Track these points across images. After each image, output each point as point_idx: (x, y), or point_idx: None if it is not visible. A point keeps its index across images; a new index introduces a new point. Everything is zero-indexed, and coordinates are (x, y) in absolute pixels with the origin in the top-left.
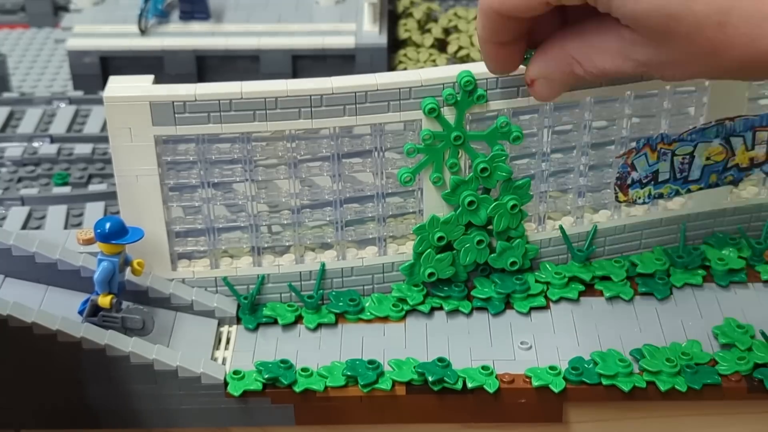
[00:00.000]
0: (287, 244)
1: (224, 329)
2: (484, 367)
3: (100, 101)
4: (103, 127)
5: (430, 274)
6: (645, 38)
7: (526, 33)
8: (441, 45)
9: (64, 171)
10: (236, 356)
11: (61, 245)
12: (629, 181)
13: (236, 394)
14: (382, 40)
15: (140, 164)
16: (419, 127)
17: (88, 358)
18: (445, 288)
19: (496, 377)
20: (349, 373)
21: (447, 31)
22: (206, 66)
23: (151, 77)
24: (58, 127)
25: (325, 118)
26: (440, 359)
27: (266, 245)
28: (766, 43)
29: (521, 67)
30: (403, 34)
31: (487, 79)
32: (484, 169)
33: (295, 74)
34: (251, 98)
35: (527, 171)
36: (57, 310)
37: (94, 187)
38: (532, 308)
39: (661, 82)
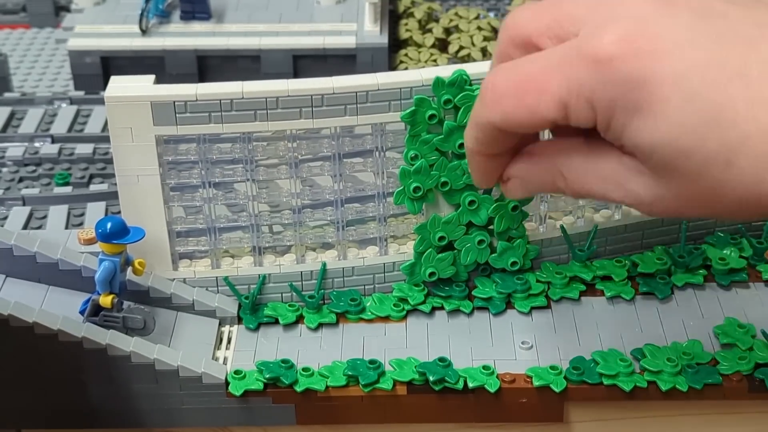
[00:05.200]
0: (288, 243)
1: (225, 329)
2: (485, 367)
3: (101, 101)
4: (104, 127)
5: (431, 274)
6: (649, 170)
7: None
8: (442, 45)
9: (66, 171)
10: (237, 356)
11: (63, 245)
12: None
13: (237, 393)
14: (383, 39)
15: (141, 164)
16: None
17: (89, 357)
18: (446, 288)
19: (497, 377)
20: (350, 373)
21: (448, 31)
22: (207, 66)
23: (152, 77)
24: (60, 127)
25: (326, 118)
26: (441, 359)
27: (267, 245)
28: None
29: None
30: (404, 34)
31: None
32: None
33: (296, 74)
34: (252, 98)
35: None
36: (58, 310)
37: (96, 187)
38: (533, 308)
39: None
